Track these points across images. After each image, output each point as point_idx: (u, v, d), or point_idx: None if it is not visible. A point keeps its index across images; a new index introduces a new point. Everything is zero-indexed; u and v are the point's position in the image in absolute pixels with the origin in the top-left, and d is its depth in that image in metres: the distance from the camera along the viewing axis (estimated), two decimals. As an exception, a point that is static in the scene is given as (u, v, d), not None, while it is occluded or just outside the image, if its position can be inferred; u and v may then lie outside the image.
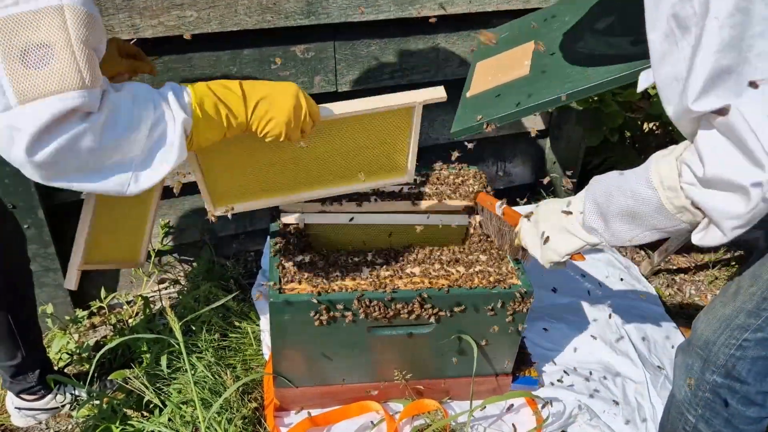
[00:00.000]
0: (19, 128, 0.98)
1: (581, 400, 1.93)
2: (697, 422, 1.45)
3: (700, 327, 1.42)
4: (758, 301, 1.29)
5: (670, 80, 1.11)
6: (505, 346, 1.82)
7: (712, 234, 1.16)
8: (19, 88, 0.97)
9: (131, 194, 1.14)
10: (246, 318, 2.22)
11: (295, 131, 1.35)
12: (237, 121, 1.27)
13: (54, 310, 2.24)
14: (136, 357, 2.11)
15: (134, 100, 1.12)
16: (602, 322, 2.26)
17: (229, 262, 2.54)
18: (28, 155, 1.00)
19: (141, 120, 1.12)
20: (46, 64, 0.97)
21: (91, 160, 1.07)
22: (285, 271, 1.69)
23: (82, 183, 1.09)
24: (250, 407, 1.88)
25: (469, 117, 1.82)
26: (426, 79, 2.50)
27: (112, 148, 1.08)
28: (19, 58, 0.96)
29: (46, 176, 1.05)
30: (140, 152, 1.13)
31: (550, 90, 1.63)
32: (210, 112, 1.23)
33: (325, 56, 2.31)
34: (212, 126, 1.24)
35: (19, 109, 0.97)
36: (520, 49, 1.97)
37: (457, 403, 1.92)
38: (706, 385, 1.41)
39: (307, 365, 1.77)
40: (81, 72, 1.00)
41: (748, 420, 1.40)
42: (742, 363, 1.34)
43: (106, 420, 1.86)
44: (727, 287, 1.39)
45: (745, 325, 1.31)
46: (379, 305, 1.64)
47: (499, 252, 1.82)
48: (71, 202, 2.20)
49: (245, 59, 2.20)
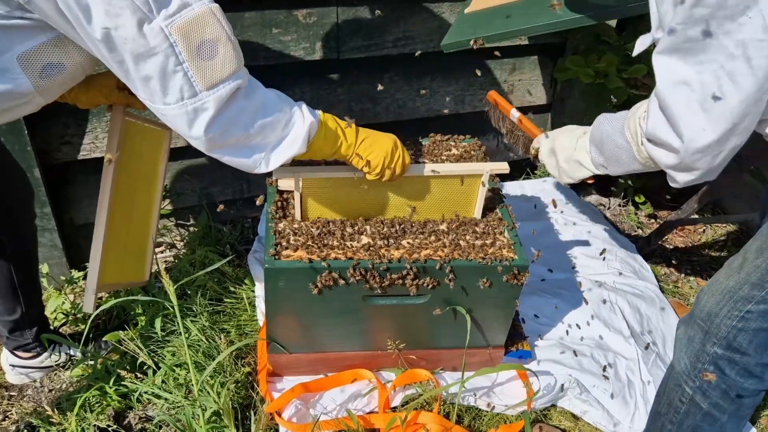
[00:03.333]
0: (206, 108, 1.24)
1: (572, 374, 1.94)
2: (694, 394, 1.47)
3: (703, 299, 1.43)
4: (763, 273, 1.30)
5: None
6: (498, 319, 1.83)
7: (670, 179, 1.35)
8: (202, 76, 1.22)
9: (260, 171, 1.43)
10: (241, 284, 2.22)
11: (388, 169, 1.61)
12: (347, 143, 1.55)
13: (50, 270, 2.24)
14: (131, 319, 2.12)
15: (278, 96, 1.42)
16: (596, 297, 2.27)
17: (226, 227, 2.54)
18: (205, 131, 1.27)
19: (282, 112, 1.40)
20: (214, 54, 1.22)
21: (243, 137, 1.34)
22: (281, 238, 1.69)
23: (233, 156, 1.38)
24: (244, 372, 1.90)
25: (461, 32, 1.89)
26: (429, 48, 2.47)
27: (259, 128, 1.36)
28: (197, 53, 1.20)
29: (211, 147, 1.32)
30: (275, 139, 1.41)
31: (541, 17, 1.71)
32: (330, 128, 1.52)
33: (328, 21, 2.27)
34: (328, 138, 1.51)
35: (205, 93, 1.23)
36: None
37: (449, 373, 1.94)
38: (706, 357, 1.42)
39: (300, 332, 1.78)
40: (239, 56, 1.27)
41: (746, 392, 1.42)
42: (744, 334, 1.35)
43: (100, 380, 1.88)
44: (731, 261, 1.40)
45: (748, 297, 1.33)
46: (374, 275, 1.64)
47: (495, 225, 1.81)
48: (68, 162, 2.18)
49: (246, 22, 2.17)
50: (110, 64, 1.22)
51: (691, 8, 1.09)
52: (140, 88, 1.24)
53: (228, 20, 1.25)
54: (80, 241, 2.32)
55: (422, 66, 2.54)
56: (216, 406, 1.69)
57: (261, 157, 1.41)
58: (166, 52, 1.17)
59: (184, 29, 1.17)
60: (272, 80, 2.33)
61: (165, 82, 1.21)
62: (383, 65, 2.48)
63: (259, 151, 1.40)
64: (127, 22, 1.13)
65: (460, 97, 2.67)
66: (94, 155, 2.20)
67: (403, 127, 2.59)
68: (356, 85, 2.49)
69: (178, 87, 1.21)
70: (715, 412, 1.46)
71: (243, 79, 1.29)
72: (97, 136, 2.17)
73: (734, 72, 1.08)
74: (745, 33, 1.05)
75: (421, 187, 1.79)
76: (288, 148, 1.43)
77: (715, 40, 1.09)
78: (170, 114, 1.26)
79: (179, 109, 1.24)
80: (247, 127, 1.34)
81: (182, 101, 1.23)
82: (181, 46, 1.18)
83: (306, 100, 2.41)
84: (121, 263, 1.84)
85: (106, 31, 1.13)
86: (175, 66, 1.19)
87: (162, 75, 1.20)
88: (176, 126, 1.29)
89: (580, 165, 1.60)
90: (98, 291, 1.70)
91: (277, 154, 1.43)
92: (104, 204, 1.69)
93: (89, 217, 2.31)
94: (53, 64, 1.27)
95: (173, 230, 2.51)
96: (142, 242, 1.95)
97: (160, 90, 1.22)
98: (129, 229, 1.86)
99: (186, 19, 1.17)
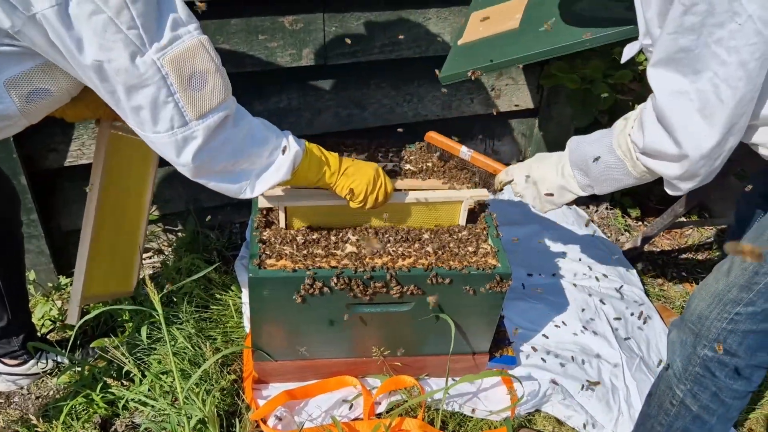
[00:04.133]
0: (195, 137, 1.28)
1: (556, 379, 1.96)
2: (685, 396, 1.49)
3: (693, 303, 1.46)
4: (750, 275, 1.33)
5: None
6: (482, 325, 1.84)
7: (670, 187, 1.38)
8: (192, 106, 1.25)
9: (244, 197, 1.48)
10: (228, 290, 2.23)
11: (371, 196, 1.65)
12: (330, 171, 1.60)
13: (36, 277, 2.25)
14: (119, 325, 2.13)
15: (265, 125, 1.47)
16: (581, 303, 2.29)
17: (213, 233, 2.54)
18: (193, 159, 1.30)
19: (268, 140, 1.45)
20: (204, 85, 1.25)
21: (229, 164, 1.38)
22: (265, 247, 1.70)
23: (218, 182, 1.41)
24: (229, 379, 1.91)
25: (456, 64, 1.89)
26: (417, 54, 2.48)
27: (245, 156, 1.40)
28: (188, 85, 1.22)
29: (197, 173, 1.36)
30: (260, 166, 1.45)
31: (536, 44, 1.72)
32: (315, 156, 1.57)
33: (314, 28, 2.28)
34: (313, 166, 1.56)
35: (195, 122, 1.26)
36: (514, 3, 2.00)
37: (434, 380, 1.95)
38: (697, 360, 1.45)
39: (285, 340, 1.79)
40: (227, 85, 1.30)
41: (735, 394, 1.45)
42: (734, 336, 1.38)
43: (87, 387, 1.89)
44: (720, 265, 1.43)
45: (737, 299, 1.36)
46: (358, 283, 1.65)
47: (479, 233, 1.83)
48: (55, 169, 2.19)
49: (232, 29, 2.17)
50: (100, 92, 1.23)
51: (681, 17, 1.12)
52: (130, 116, 1.26)
53: (216, 50, 1.28)
54: (68, 248, 2.32)
55: (409, 72, 2.55)
56: (201, 413, 1.70)
57: (246, 184, 1.45)
58: (158, 84, 1.20)
59: (176, 61, 1.20)
60: (259, 86, 2.37)
61: (156, 112, 1.23)
62: (370, 71, 2.49)
63: (244, 177, 1.44)
64: (120, 55, 1.15)
65: (447, 103, 2.68)
66: (81, 162, 2.20)
67: (391, 133, 2.60)
68: (343, 90, 2.49)
69: (168, 117, 1.24)
70: (704, 415, 1.49)
71: (231, 108, 1.33)
72: (84, 143, 2.18)
73: (729, 77, 1.12)
74: (737, 39, 1.08)
75: (404, 212, 1.84)
76: (273, 175, 1.47)
77: (707, 49, 1.11)
78: (159, 142, 1.28)
79: (169, 138, 1.27)
80: (234, 155, 1.38)
81: (172, 130, 1.26)
82: (172, 78, 1.20)
83: (293, 107, 2.44)
84: (108, 274, 1.84)
85: (98, 63, 1.15)
86: (166, 97, 1.22)
87: (153, 105, 1.22)
88: (164, 153, 1.32)
89: (566, 191, 1.63)
90: (83, 303, 1.71)
91: (262, 181, 1.47)
92: (90, 218, 1.70)
93: (77, 223, 2.29)
94: (40, 89, 1.28)
95: (161, 236, 2.51)
96: (129, 253, 1.96)
97: (151, 119, 1.24)
98: (116, 241, 1.87)
99: (177, 52, 1.19)
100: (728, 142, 1.21)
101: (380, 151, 2.07)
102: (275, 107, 2.42)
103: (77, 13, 1.09)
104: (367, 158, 2.02)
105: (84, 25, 1.10)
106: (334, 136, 2.35)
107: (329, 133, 2.54)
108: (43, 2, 1.07)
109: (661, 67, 1.22)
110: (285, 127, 2.44)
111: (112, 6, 1.10)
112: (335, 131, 2.54)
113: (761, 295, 1.32)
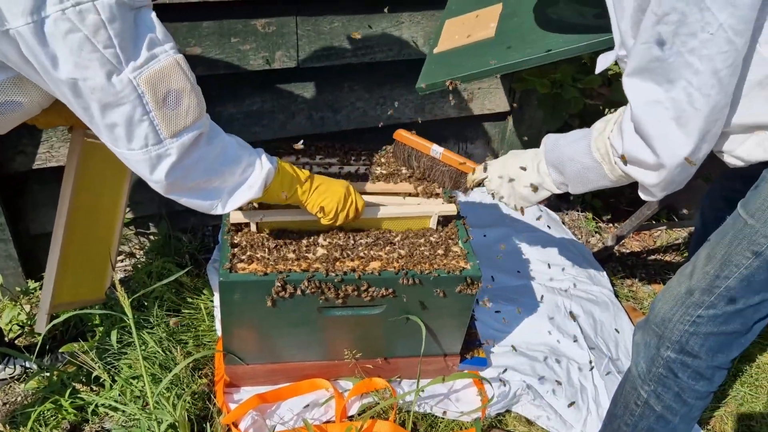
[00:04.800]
0: (169, 154, 1.28)
1: (526, 380, 1.99)
2: (649, 397, 1.52)
3: (657, 305, 1.49)
4: (711, 279, 1.36)
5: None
6: (453, 327, 1.86)
7: (645, 193, 1.42)
8: (167, 124, 1.25)
9: (215, 213, 1.48)
10: (200, 294, 2.22)
11: (342, 213, 1.68)
12: (302, 189, 1.61)
13: (4, 281, 2.22)
14: (89, 330, 2.11)
15: (238, 143, 1.48)
16: (551, 304, 2.32)
17: (186, 236, 2.53)
18: (167, 176, 1.31)
19: (241, 158, 1.45)
20: (179, 103, 1.25)
21: (202, 181, 1.39)
22: (237, 251, 1.70)
23: (190, 198, 1.42)
24: (201, 383, 1.90)
25: (434, 74, 1.88)
26: (389, 57, 2.49)
27: (218, 173, 1.41)
28: (163, 103, 1.23)
29: (170, 190, 1.37)
30: (232, 183, 1.46)
31: (510, 55, 1.72)
32: (286, 174, 1.58)
33: (287, 31, 2.28)
34: (284, 184, 1.57)
35: (169, 140, 1.27)
36: (488, 11, 2.00)
37: (405, 382, 1.97)
38: (660, 361, 1.48)
39: (257, 343, 1.79)
40: (201, 104, 1.31)
41: (697, 394, 1.49)
42: (695, 338, 1.42)
43: (55, 393, 1.86)
44: (683, 268, 1.47)
45: (699, 302, 1.39)
46: (329, 287, 1.66)
47: (449, 236, 1.84)
48: (22, 172, 2.16)
49: (204, 32, 2.16)
50: (74, 108, 1.22)
51: (653, 26, 1.14)
52: (104, 132, 1.25)
53: (191, 68, 1.29)
54: (37, 251, 2.29)
55: (382, 75, 2.56)
56: (172, 418, 1.69)
57: (218, 201, 1.46)
58: (134, 103, 1.20)
59: (152, 80, 1.20)
60: (232, 89, 2.36)
61: (131, 130, 1.23)
62: (343, 74, 2.49)
63: (216, 194, 1.45)
64: (96, 73, 1.14)
65: (420, 106, 2.70)
66: (50, 164, 2.17)
67: (364, 136, 2.61)
68: (317, 93, 2.50)
69: (143, 134, 1.24)
70: (667, 415, 1.52)
71: (205, 126, 1.34)
72: (53, 146, 2.15)
73: (702, 85, 1.14)
74: (709, 48, 1.10)
75: (375, 224, 1.86)
76: (245, 192, 1.49)
77: (680, 58, 1.14)
78: (133, 159, 1.29)
79: (143, 155, 1.27)
80: (207, 172, 1.39)
81: (146, 147, 1.26)
82: (148, 97, 1.21)
83: (266, 109, 2.44)
84: (78, 282, 1.83)
85: (73, 81, 1.15)
86: (141, 115, 1.22)
87: (128, 123, 1.22)
88: (137, 169, 1.32)
89: (541, 188, 1.65)
90: (52, 311, 1.70)
91: (234, 198, 1.48)
92: (61, 225, 1.68)
93: (45, 227, 2.28)
94: (10, 101, 1.28)
95: (132, 239, 2.49)
96: (102, 260, 1.94)
97: (125, 136, 1.24)
98: (88, 248, 1.85)
99: (153, 71, 1.20)
100: (702, 150, 1.24)
101: (352, 154, 2.08)
102: (248, 110, 2.42)
103: (53, 31, 1.08)
104: (339, 161, 2.03)
105: (60, 43, 1.10)
106: (307, 139, 2.35)
107: (303, 135, 2.54)
108: (18, 19, 1.06)
109: (636, 76, 1.24)
110: (258, 130, 2.47)
111: (89, 25, 1.09)
112: (309, 134, 2.54)
113: (722, 298, 1.36)
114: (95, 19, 1.09)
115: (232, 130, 1.58)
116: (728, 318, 1.37)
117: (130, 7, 1.16)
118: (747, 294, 1.34)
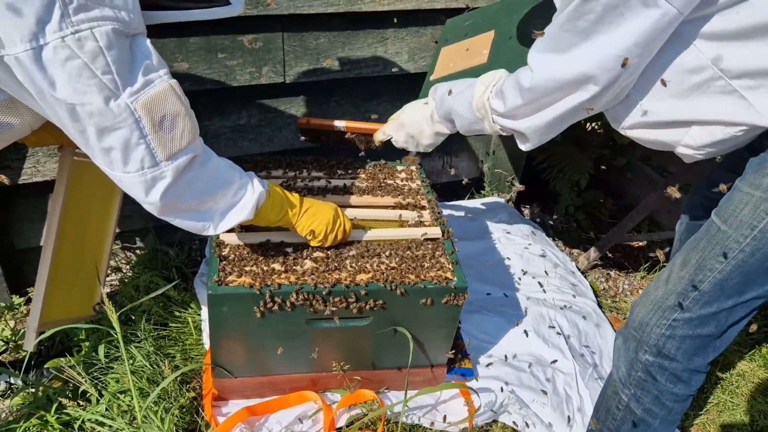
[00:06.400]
0: (164, 177, 1.31)
1: (512, 390, 2.01)
2: (629, 401, 1.56)
3: (635, 310, 1.54)
4: (686, 283, 1.41)
5: None
6: (440, 338, 1.88)
7: (522, 140, 1.65)
8: (163, 148, 1.28)
9: (207, 234, 1.52)
10: (187, 307, 2.22)
11: (330, 236, 1.73)
12: (292, 212, 1.67)
13: (-11, 297, 2.20)
14: (75, 344, 2.10)
15: (230, 165, 1.51)
16: (536, 315, 2.35)
17: (173, 250, 2.53)
18: (161, 198, 1.33)
19: (233, 181, 1.49)
20: (174, 127, 1.29)
21: (195, 203, 1.42)
22: (225, 263, 1.71)
23: (183, 219, 1.44)
24: (189, 397, 1.90)
25: None
26: (375, 73, 2.53)
27: (211, 195, 1.44)
28: (159, 127, 1.26)
29: (163, 211, 1.39)
30: (225, 205, 1.50)
31: None
32: (278, 196, 1.63)
33: (274, 47, 2.31)
34: (275, 207, 1.62)
35: (164, 163, 1.30)
36: (481, 38, 2.07)
37: (393, 393, 1.98)
38: (639, 365, 1.52)
39: (245, 356, 1.79)
40: (195, 127, 1.35)
41: (675, 397, 1.53)
42: (672, 342, 1.46)
43: (41, 408, 1.85)
44: (660, 274, 1.52)
45: (674, 306, 1.44)
46: (317, 299, 1.67)
47: (436, 248, 1.87)
48: (8, 186, 2.15)
49: (191, 47, 2.19)
50: (69, 131, 1.23)
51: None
52: (99, 156, 1.27)
53: (184, 93, 1.33)
54: (21, 266, 2.28)
55: (368, 89, 2.59)
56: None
57: (210, 222, 1.49)
58: (131, 127, 1.23)
59: (148, 105, 1.23)
60: (219, 104, 2.38)
61: (127, 153, 1.26)
62: (330, 89, 2.53)
63: (209, 215, 1.48)
64: (95, 98, 1.17)
65: (405, 120, 2.74)
66: (36, 179, 2.17)
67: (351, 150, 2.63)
68: (303, 108, 2.53)
69: (139, 158, 1.27)
70: (647, 418, 1.55)
71: (198, 148, 1.38)
72: (39, 160, 2.15)
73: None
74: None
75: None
76: (237, 214, 1.52)
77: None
78: (128, 181, 1.31)
79: (138, 178, 1.30)
80: (200, 194, 1.42)
81: (142, 170, 1.29)
82: (145, 121, 1.23)
83: (253, 124, 2.46)
84: (67, 299, 1.83)
85: (71, 106, 1.17)
86: (138, 139, 1.25)
87: (125, 147, 1.25)
88: (132, 191, 1.34)
89: (440, 135, 1.84)
90: (41, 328, 1.69)
91: (226, 219, 1.51)
92: (50, 242, 1.68)
93: (31, 242, 2.27)
94: (2, 123, 1.29)
95: (119, 253, 2.49)
96: (91, 278, 1.94)
97: (121, 160, 1.27)
98: (78, 265, 1.85)
99: (149, 95, 1.23)
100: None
101: (339, 167, 2.11)
102: (235, 124, 2.44)
103: (52, 57, 1.10)
104: (326, 174, 2.06)
105: (58, 69, 1.12)
106: (294, 153, 2.37)
107: (289, 150, 2.56)
108: (17, 46, 1.08)
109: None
110: (245, 144, 2.48)
111: (88, 52, 1.12)
112: (296, 148, 2.57)
113: (696, 302, 1.40)
114: (94, 46, 1.12)
115: (219, 145, 1.61)
116: (703, 321, 1.42)
117: (126, 34, 1.19)
118: (720, 298, 1.39)
